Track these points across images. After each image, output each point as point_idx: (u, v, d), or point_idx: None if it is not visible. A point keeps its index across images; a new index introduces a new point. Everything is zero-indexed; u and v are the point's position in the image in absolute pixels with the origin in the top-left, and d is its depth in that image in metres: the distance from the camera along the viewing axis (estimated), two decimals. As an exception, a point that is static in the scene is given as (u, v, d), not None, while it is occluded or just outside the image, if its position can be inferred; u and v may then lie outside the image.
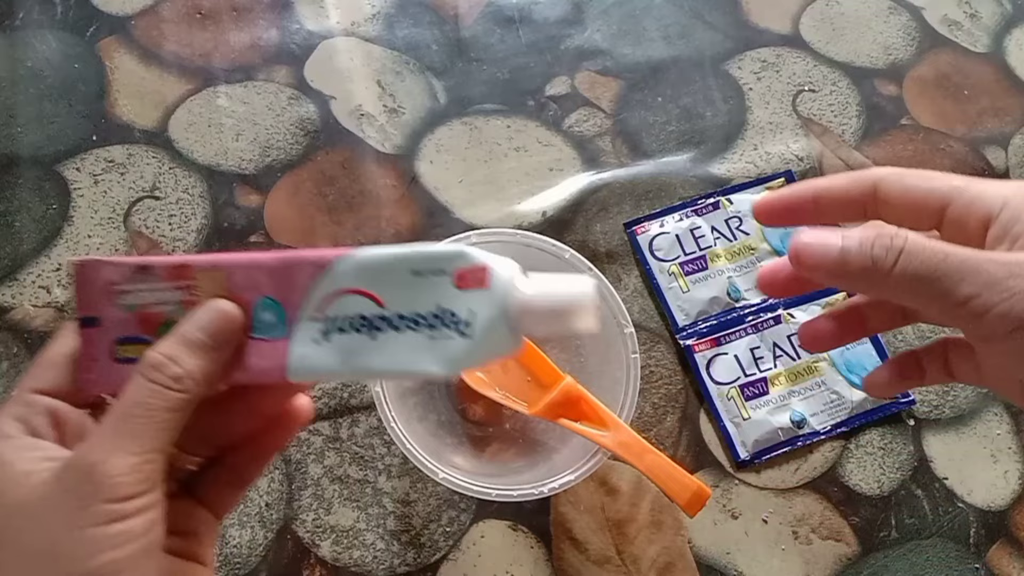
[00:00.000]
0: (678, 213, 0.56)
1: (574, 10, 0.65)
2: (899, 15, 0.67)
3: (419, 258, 0.25)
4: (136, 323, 0.25)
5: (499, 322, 0.24)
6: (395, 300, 0.25)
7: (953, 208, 0.25)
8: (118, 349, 0.25)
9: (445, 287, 0.24)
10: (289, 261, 0.25)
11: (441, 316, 0.24)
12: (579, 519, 0.48)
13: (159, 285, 0.25)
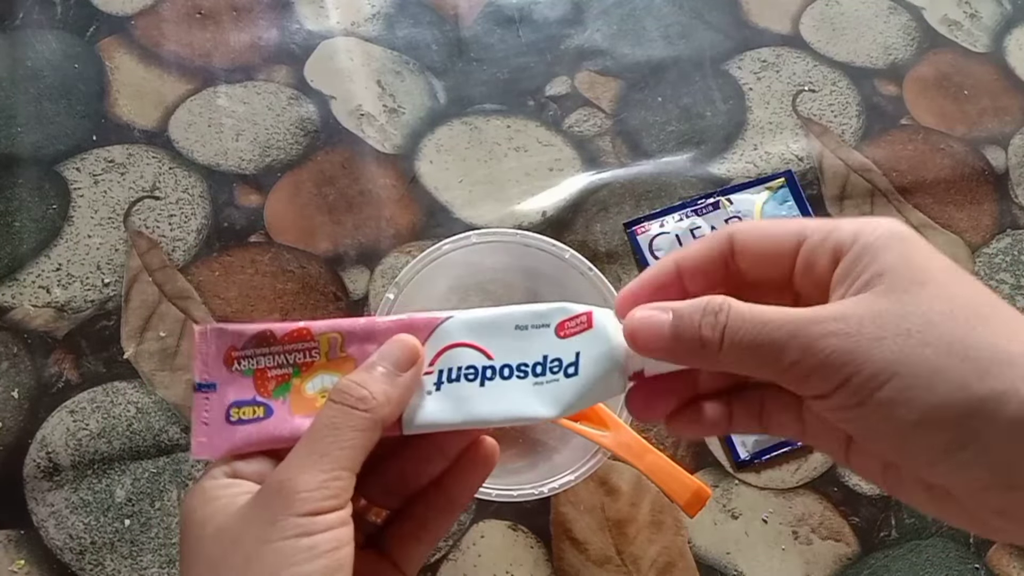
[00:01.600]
0: (678, 213, 0.56)
1: (574, 10, 0.65)
2: (899, 15, 0.67)
3: (521, 314, 0.27)
4: (253, 386, 0.27)
5: (604, 359, 0.25)
6: (501, 351, 0.27)
7: (806, 247, 0.24)
8: (232, 411, 0.26)
9: (548, 337, 0.26)
10: (404, 324, 0.27)
11: (545, 363, 0.26)
12: (579, 519, 0.48)
13: (277, 348, 0.27)
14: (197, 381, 0.26)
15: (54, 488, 0.46)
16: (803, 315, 0.22)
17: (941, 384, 0.20)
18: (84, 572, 0.45)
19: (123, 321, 0.51)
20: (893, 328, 0.21)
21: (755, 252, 0.25)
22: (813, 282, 0.24)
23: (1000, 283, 0.57)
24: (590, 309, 0.26)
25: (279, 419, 0.26)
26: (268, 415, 0.26)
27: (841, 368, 0.21)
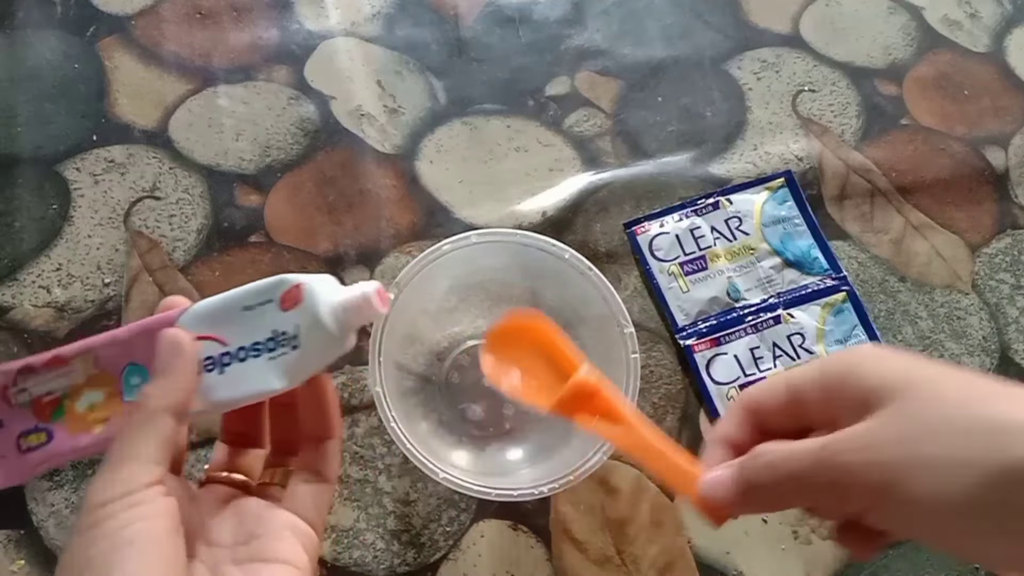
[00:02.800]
0: (678, 213, 0.56)
1: (574, 10, 0.65)
2: (899, 15, 0.67)
3: (246, 294, 0.29)
4: (32, 415, 0.29)
5: (316, 327, 0.28)
6: (236, 336, 0.29)
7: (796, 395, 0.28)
8: (21, 441, 0.29)
9: (275, 312, 0.28)
10: (142, 328, 0.29)
11: (275, 338, 0.29)
12: (579, 519, 0.48)
13: (41, 378, 0.29)
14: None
15: (54, 488, 0.46)
16: (817, 442, 0.25)
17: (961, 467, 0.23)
18: (84, 572, 0.45)
19: (123, 321, 0.51)
20: (895, 437, 0.24)
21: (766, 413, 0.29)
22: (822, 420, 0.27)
23: (1000, 283, 0.57)
24: (301, 280, 0.28)
25: (60, 440, 0.29)
26: (51, 439, 0.29)
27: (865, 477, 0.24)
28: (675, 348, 0.53)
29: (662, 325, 0.54)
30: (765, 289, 0.54)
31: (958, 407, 0.24)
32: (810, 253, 0.56)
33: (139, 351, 0.29)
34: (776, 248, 0.55)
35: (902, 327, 0.55)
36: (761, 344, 0.53)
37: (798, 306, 0.54)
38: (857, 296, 0.55)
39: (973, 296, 0.57)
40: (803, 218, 0.57)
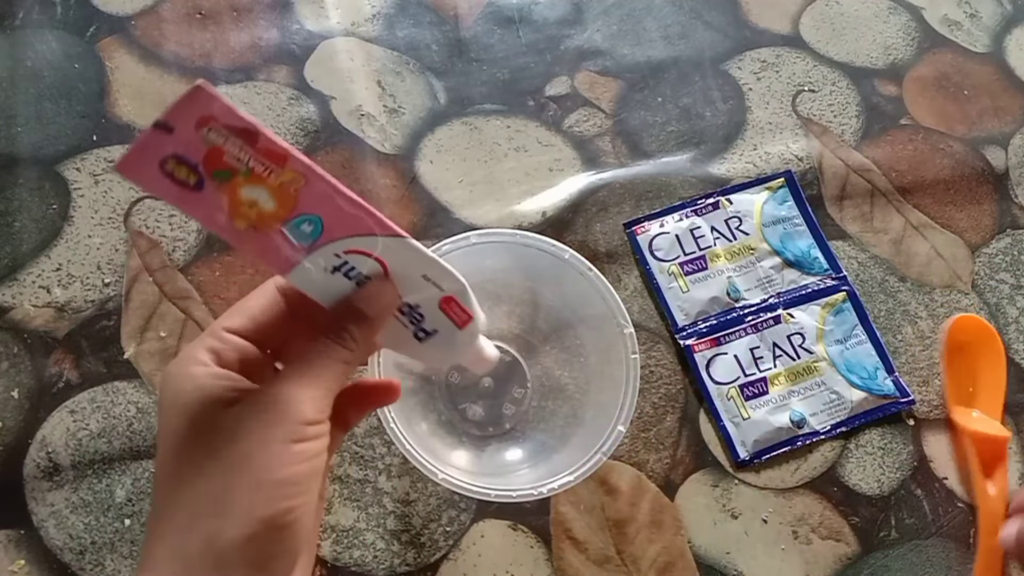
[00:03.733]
0: (678, 213, 0.56)
1: (574, 10, 0.65)
2: (899, 15, 0.67)
3: (436, 267, 0.29)
4: (203, 154, 0.26)
5: (445, 354, 0.30)
6: (397, 281, 0.29)
7: None
8: (169, 163, 0.26)
9: (432, 299, 0.29)
10: (358, 208, 0.27)
11: (412, 313, 0.29)
12: (579, 519, 0.48)
13: (248, 149, 0.26)
14: (162, 119, 0.25)
15: (54, 488, 0.46)
16: None
17: None
18: (84, 572, 0.45)
19: (123, 321, 0.51)
20: None
21: None
22: None
23: (1000, 283, 0.57)
24: (474, 314, 0.30)
25: (203, 198, 0.26)
26: (197, 188, 0.26)
27: None
28: (675, 348, 0.53)
29: (662, 325, 0.54)
30: (765, 289, 0.54)
31: None
32: (810, 253, 0.56)
33: (337, 217, 0.27)
34: (776, 248, 0.55)
35: (902, 327, 0.55)
36: (761, 344, 0.53)
37: (798, 306, 0.54)
38: (857, 296, 0.55)
39: (973, 296, 0.57)
40: (803, 218, 0.57)
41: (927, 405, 0.53)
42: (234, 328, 0.29)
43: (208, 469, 0.25)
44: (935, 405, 0.53)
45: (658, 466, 0.50)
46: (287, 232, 0.27)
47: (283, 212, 0.27)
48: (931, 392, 0.53)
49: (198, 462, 0.26)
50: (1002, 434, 0.50)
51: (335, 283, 0.28)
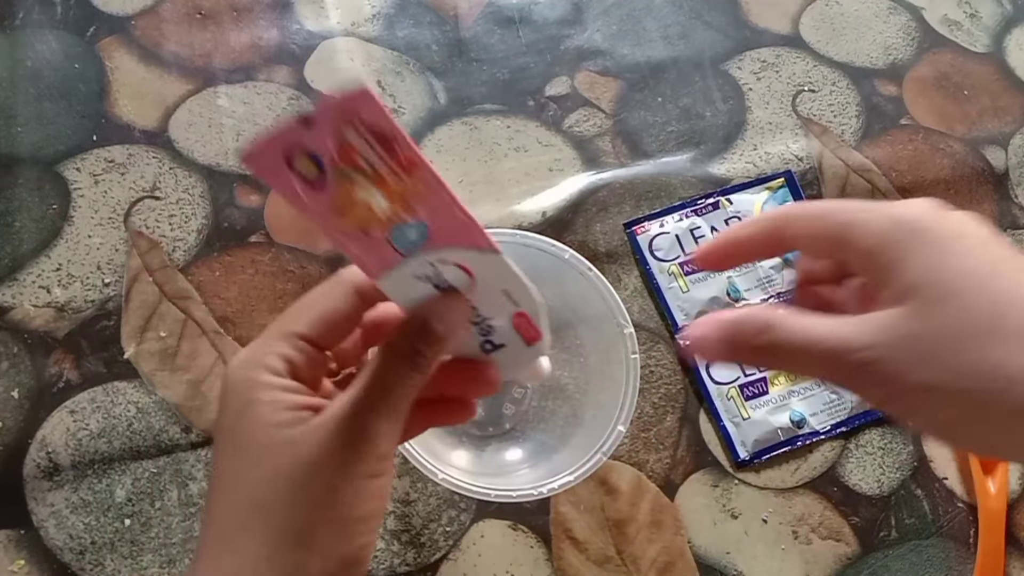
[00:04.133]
0: (678, 213, 0.56)
1: (574, 10, 0.65)
2: (899, 15, 0.67)
3: (519, 284, 0.28)
4: (335, 151, 0.25)
5: (508, 368, 0.30)
6: (479, 293, 0.28)
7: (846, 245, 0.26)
8: (298, 154, 0.25)
9: (507, 314, 0.29)
10: (468, 221, 0.26)
11: (484, 325, 0.29)
12: (579, 519, 0.48)
13: (383, 154, 0.25)
14: (307, 114, 0.24)
15: (54, 488, 0.46)
16: (850, 339, 0.24)
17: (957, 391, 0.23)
18: (84, 572, 0.45)
19: (123, 321, 0.51)
20: (916, 355, 0.23)
21: (805, 243, 0.27)
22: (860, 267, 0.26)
23: (1000, 283, 0.57)
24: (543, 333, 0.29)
25: (317, 194, 0.25)
26: (315, 184, 0.25)
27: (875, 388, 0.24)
28: (675, 348, 0.53)
29: (662, 325, 0.54)
30: (765, 289, 0.54)
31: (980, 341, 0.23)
32: (810, 253, 0.56)
33: (444, 226, 0.26)
34: (776, 248, 0.55)
35: (902, 327, 0.55)
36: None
37: None
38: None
39: (973, 296, 0.57)
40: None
41: (927, 405, 0.53)
42: (308, 336, 0.27)
43: (289, 499, 0.25)
44: (935, 405, 0.53)
45: (658, 466, 0.50)
46: (392, 236, 0.26)
47: (395, 217, 0.26)
48: (931, 392, 0.53)
49: (277, 487, 0.25)
50: None
51: (419, 289, 0.28)
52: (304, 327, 0.27)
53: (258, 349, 0.26)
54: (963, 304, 0.23)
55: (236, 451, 0.25)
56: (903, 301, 0.24)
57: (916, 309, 0.24)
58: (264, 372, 0.26)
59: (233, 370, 0.26)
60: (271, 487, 0.25)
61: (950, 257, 0.24)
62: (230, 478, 0.25)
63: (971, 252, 0.24)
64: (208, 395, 0.49)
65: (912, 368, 0.23)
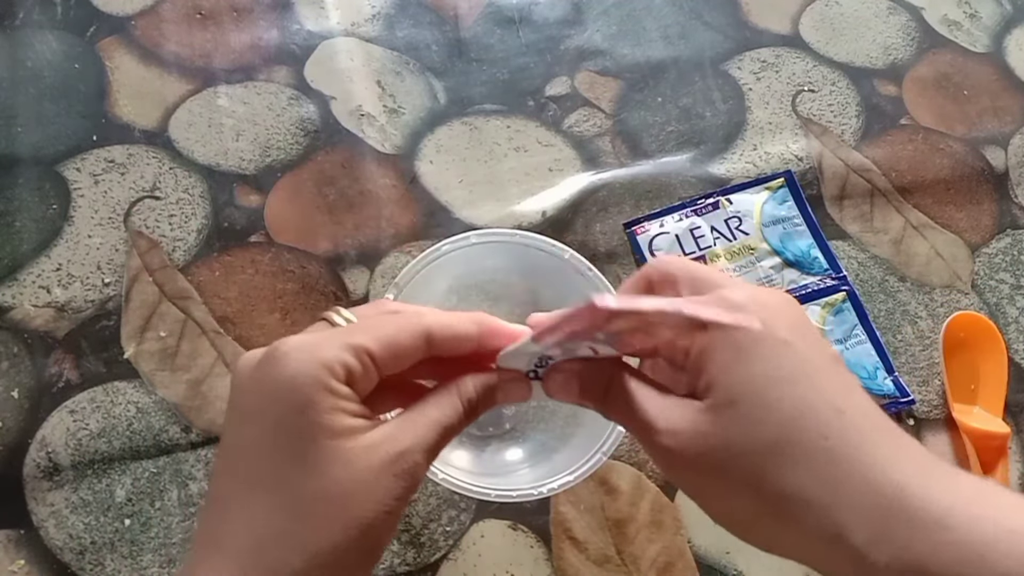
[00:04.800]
0: (678, 213, 0.56)
1: (574, 10, 0.65)
2: (899, 15, 0.67)
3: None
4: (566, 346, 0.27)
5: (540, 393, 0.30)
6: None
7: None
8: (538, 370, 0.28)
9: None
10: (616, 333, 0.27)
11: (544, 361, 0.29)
12: (579, 519, 0.48)
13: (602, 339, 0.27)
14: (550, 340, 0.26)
15: (54, 488, 0.46)
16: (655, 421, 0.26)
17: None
18: (84, 572, 0.45)
19: (123, 321, 0.51)
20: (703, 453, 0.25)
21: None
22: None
23: (1000, 283, 0.57)
24: None
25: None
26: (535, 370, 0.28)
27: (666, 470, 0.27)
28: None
29: (662, 325, 0.54)
30: (765, 289, 0.54)
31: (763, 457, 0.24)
32: (810, 253, 0.56)
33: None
34: (776, 248, 0.55)
35: (902, 327, 0.55)
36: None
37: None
38: (857, 296, 0.55)
39: (973, 296, 0.57)
40: (803, 218, 0.57)
41: (927, 405, 0.53)
42: (374, 354, 0.26)
43: (335, 515, 0.25)
44: (935, 405, 0.53)
45: (658, 466, 0.50)
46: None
47: None
48: (931, 392, 0.53)
49: (326, 500, 0.25)
50: (1002, 431, 0.50)
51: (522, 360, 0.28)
52: (374, 344, 0.26)
53: (322, 348, 0.25)
54: (747, 413, 0.24)
55: (284, 447, 0.25)
56: (702, 397, 0.25)
57: (708, 408, 0.25)
58: (329, 375, 0.25)
59: (293, 360, 0.25)
60: (318, 499, 0.24)
61: (743, 363, 0.24)
62: (268, 470, 0.25)
63: (768, 357, 0.24)
64: (208, 395, 0.49)
65: (698, 464, 0.25)
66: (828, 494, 0.23)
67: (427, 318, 0.27)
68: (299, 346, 0.25)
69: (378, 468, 0.25)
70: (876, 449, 0.23)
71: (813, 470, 0.23)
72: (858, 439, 0.23)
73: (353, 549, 0.25)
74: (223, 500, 0.25)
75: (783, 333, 0.25)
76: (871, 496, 0.23)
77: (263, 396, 0.25)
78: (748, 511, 0.25)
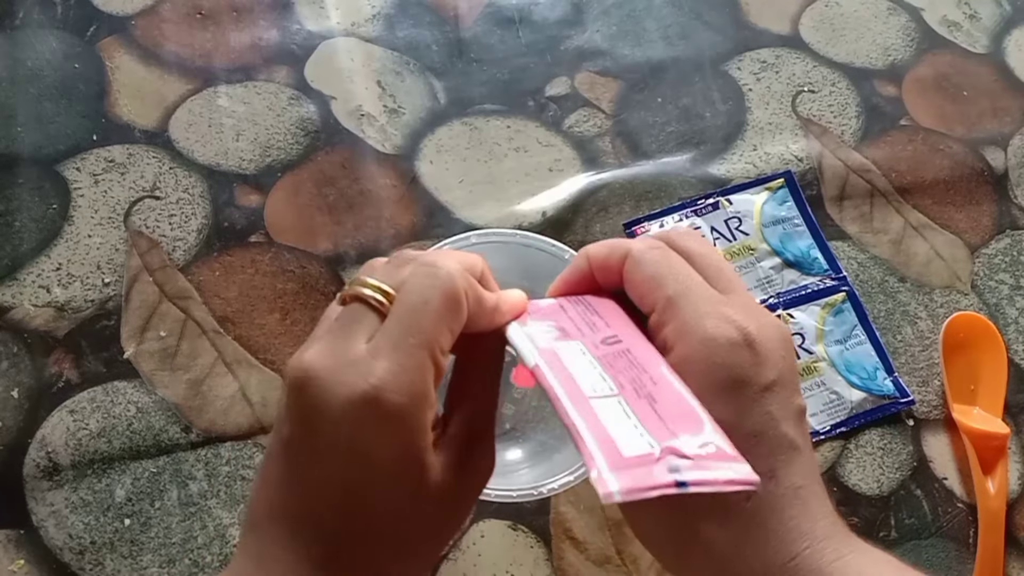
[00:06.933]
0: (678, 213, 0.56)
1: (574, 10, 0.65)
2: (898, 16, 0.67)
3: None
4: None
5: None
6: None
7: (653, 320, 0.27)
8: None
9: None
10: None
11: None
12: (579, 519, 0.48)
13: None
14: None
15: (54, 488, 0.46)
16: None
17: None
18: (84, 572, 0.45)
19: (123, 321, 0.51)
20: None
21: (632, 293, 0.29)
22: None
23: (999, 283, 0.57)
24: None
25: None
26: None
27: None
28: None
29: (662, 325, 0.54)
30: (765, 289, 0.55)
31: None
32: (810, 253, 0.56)
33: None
34: (776, 248, 0.56)
35: (902, 327, 0.55)
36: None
37: (798, 306, 0.54)
38: (857, 296, 0.55)
39: (973, 296, 0.57)
40: (803, 218, 0.57)
41: (927, 405, 0.53)
42: (446, 350, 0.26)
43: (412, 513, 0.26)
44: (935, 405, 0.53)
45: (658, 466, 0.50)
46: None
47: None
48: (931, 392, 0.53)
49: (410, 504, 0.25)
50: (1002, 431, 0.50)
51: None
52: (446, 339, 0.25)
53: (417, 375, 0.24)
54: None
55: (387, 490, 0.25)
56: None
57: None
58: (430, 410, 0.25)
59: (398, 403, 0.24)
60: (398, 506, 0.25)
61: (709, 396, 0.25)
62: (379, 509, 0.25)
63: (731, 398, 0.25)
64: (208, 395, 0.49)
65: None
66: (732, 547, 0.25)
67: (459, 281, 0.26)
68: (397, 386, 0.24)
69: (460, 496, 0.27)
70: (789, 520, 0.25)
71: (727, 531, 0.25)
72: (776, 505, 0.25)
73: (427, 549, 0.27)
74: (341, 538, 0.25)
75: (766, 380, 0.25)
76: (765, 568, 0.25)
77: (366, 432, 0.24)
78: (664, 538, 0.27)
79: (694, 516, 0.25)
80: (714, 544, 0.25)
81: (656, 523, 0.27)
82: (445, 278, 0.26)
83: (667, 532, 0.27)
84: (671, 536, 0.26)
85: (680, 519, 0.26)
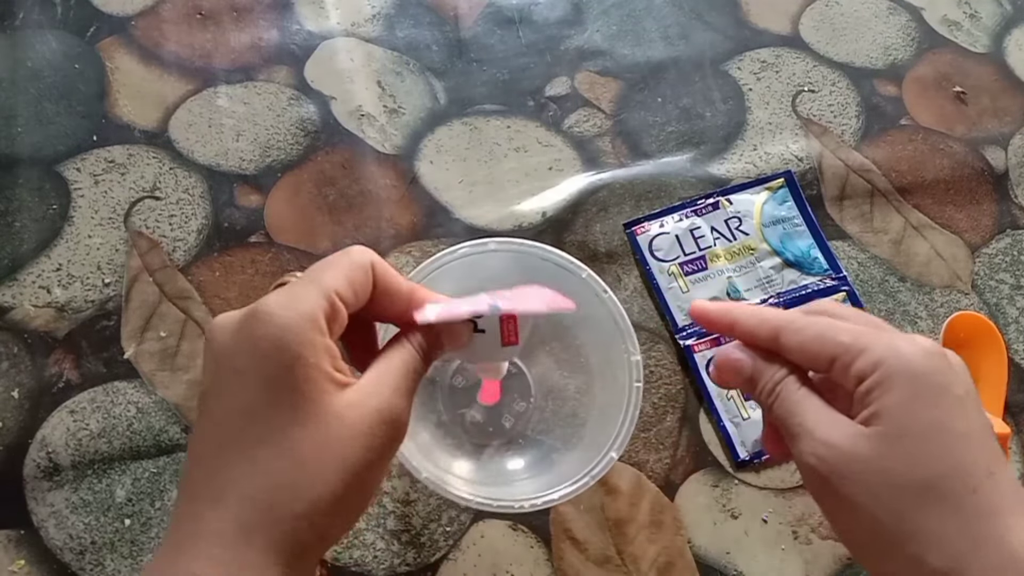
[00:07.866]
0: (678, 213, 0.56)
1: (574, 10, 0.65)
2: (899, 15, 0.67)
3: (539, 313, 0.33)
4: None
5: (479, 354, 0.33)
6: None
7: (838, 365, 0.28)
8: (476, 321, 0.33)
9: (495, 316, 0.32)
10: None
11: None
12: (579, 519, 0.48)
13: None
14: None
15: (54, 488, 0.46)
16: (814, 430, 0.28)
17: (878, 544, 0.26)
18: (84, 572, 0.45)
19: (123, 321, 0.51)
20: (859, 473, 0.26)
21: (796, 355, 0.30)
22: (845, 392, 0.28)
23: (1000, 283, 0.57)
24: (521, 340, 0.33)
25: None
26: None
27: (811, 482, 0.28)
28: (675, 348, 0.53)
29: (662, 325, 0.54)
30: (765, 289, 0.54)
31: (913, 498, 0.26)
32: (810, 253, 0.56)
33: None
34: (776, 248, 0.56)
35: (902, 327, 0.55)
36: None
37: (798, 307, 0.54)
38: (857, 296, 0.55)
39: (973, 296, 0.57)
40: (803, 218, 0.57)
41: (927, 405, 0.53)
42: (344, 296, 0.27)
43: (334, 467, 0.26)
44: (935, 405, 0.53)
45: (658, 466, 0.50)
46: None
47: None
48: (931, 392, 0.53)
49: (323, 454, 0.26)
50: (1002, 431, 0.50)
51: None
52: (340, 282, 0.27)
53: (301, 301, 0.26)
54: (912, 450, 0.26)
55: (278, 403, 0.25)
56: (867, 422, 0.27)
57: (874, 435, 0.26)
58: (314, 329, 0.26)
59: (278, 317, 0.25)
60: (317, 450, 0.25)
61: (922, 407, 0.26)
62: (265, 426, 0.25)
63: (945, 409, 0.26)
64: (208, 395, 0.49)
65: (844, 480, 0.26)
66: (963, 542, 0.25)
67: (365, 252, 0.29)
68: (281, 304, 0.26)
69: (369, 418, 0.26)
70: (1016, 518, 0.25)
71: (955, 517, 0.25)
72: (1001, 503, 0.25)
73: (350, 494, 0.26)
74: (217, 456, 0.26)
75: (960, 391, 0.27)
76: (1002, 558, 0.24)
77: (252, 355, 0.25)
78: (873, 535, 0.27)
79: (919, 508, 0.26)
80: (941, 536, 0.25)
81: (870, 520, 0.26)
82: (355, 249, 0.29)
83: (883, 529, 0.26)
84: (889, 533, 0.26)
85: (902, 514, 0.26)
